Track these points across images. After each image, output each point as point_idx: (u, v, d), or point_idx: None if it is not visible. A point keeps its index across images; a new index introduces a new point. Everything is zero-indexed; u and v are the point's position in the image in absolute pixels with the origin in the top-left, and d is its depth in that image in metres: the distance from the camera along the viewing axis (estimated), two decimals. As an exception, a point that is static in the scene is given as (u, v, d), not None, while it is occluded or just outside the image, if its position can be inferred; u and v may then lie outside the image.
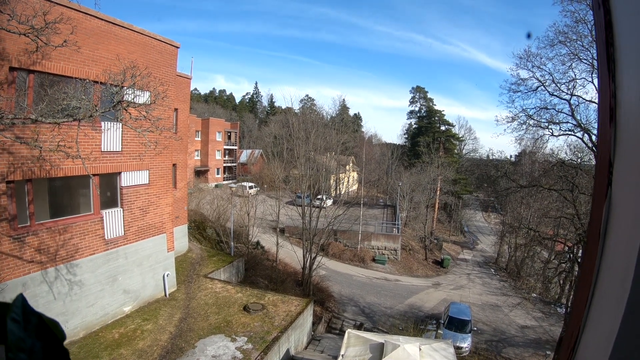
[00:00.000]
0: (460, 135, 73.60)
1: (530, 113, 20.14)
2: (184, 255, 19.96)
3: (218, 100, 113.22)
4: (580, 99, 17.89)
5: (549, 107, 19.44)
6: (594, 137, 17.18)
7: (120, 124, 11.24)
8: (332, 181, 47.50)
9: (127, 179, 12.62)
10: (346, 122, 51.58)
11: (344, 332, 12.23)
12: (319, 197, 28.66)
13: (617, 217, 0.94)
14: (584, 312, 1.01)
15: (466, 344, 19.18)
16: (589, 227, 1.13)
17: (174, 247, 15.53)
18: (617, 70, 0.94)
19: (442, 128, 71.29)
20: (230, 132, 69.02)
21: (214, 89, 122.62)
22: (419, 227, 43.66)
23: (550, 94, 18.92)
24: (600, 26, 0.99)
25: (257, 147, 77.28)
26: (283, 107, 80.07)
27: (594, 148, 17.31)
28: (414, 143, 71.59)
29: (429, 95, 78.27)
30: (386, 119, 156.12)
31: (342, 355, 10.49)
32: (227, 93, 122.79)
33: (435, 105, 76.06)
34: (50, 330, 0.71)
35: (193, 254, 20.64)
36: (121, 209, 12.51)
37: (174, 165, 18.57)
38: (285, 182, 36.32)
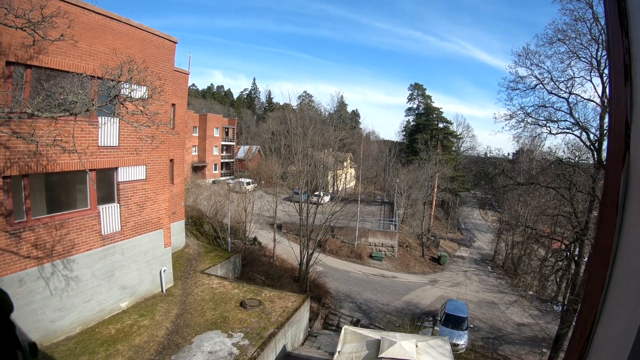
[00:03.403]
0: (458, 133, 73.69)
1: (528, 111, 20.10)
2: (181, 251, 19.93)
3: (216, 96, 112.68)
4: (579, 97, 17.87)
5: (547, 105, 19.42)
6: (592, 136, 17.20)
7: (117, 118, 11.21)
8: (329, 178, 47.48)
9: (124, 174, 12.57)
10: (344, 119, 51.58)
11: (341, 328, 12.23)
12: (317, 193, 28.62)
13: (638, 184, 0.85)
14: (600, 296, 0.93)
15: (463, 341, 19.26)
16: (602, 200, 1.02)
17: (171, 243, 15.49)
18: (631, 25, 0.88)
19: (440, 125, 71.38)
20: (227, 128, 68.87)
21: (211, 84, 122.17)
22: (416, 224, 43.72)
23: (548, 92, 18.89)
24: None
25: (254, 143, 77.20)
26: (281, 104, 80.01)
27: (591, 147, 17.33)
28: (412, 140, 71.70)
29: (427, 93, 78.55)
30: (384, 115, 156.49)
31: (339, 352, 10.50)
32: (225, 89, 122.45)
33: (433, 102, 76.34)
34: None
35: (190, 249, 20.62)
36: (118, 205, 12.46)
37: (171, 160, 18.52)
38: (282, 179, 36.29)
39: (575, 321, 1.12)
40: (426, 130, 69.72)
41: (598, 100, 16.71)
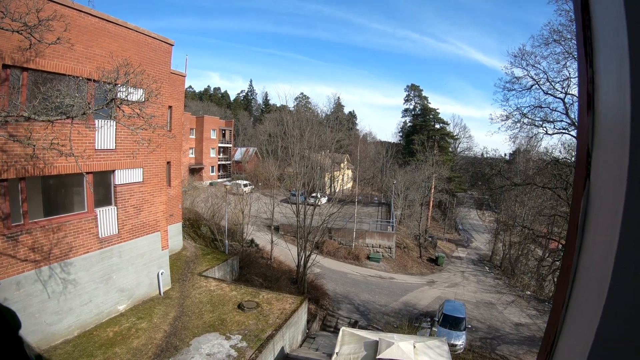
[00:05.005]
0: (455, 134, 73.72)
1: (524, 111, 20.29)
2: (178, 253, 19.90)
3: (213, 98, 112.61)
4: (575, 97, 18.00)
5: (543, 106, 19.60)
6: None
7: (114, 121, 11.19)
8: (326, 179, 47.53)
9: (121, 177, 12.55)
10: (341, 120, 51.64)
11: (339, 329, 12.26)
12: (314, 195, 28.65)
13: (595, 211, 0.90)
14: (562, 311, 0.99)
15: (460, 341, 19.28)
16: (569, 223, 1.09)
17: (169, 246, 15.49)
18: (595, 54, 0.90)
19: (437, 126, 71.43)
20: (224, 130, 68.79)
21: (208, 86, 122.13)
22: (414, 225, 43.76)
23: (544, 93, 19.06)
24: (577, 7, 0.95)
25: (251, 145, 77.19)
26: (278, 105, 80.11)
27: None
28: (409, 141, 71.77)
29: (424, 94, 78.56)
30: (381, 117, 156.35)
31: (337, 353, 10.52)
32: (222, 91, 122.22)
33: (430, 103, 76.37)
34: (4, 319, 0.71)
35: (187, 252, 20.59)
36: (115, 207, 12.44)
37: (168, 163, 18.49)
38: (279, 180, 36.26)
39: (543, 337, 1.21)
40: (423, 131, 69.81)
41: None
